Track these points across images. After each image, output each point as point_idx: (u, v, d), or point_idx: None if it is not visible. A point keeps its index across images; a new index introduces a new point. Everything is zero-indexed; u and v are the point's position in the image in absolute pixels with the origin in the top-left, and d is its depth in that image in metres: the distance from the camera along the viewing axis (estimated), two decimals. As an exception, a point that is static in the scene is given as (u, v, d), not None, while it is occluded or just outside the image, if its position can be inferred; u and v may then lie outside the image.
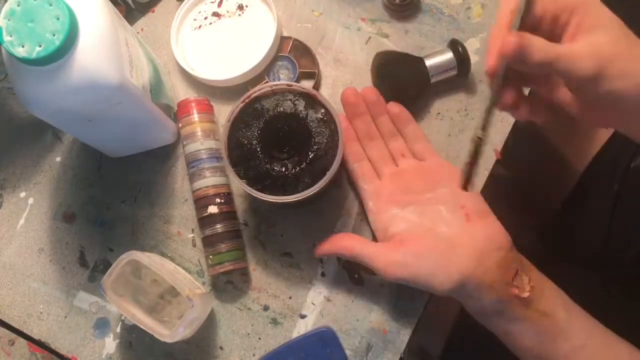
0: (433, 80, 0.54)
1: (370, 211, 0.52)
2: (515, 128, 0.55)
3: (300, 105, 0.48)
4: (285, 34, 0.58)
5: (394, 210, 0.51)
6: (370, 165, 0.53)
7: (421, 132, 0.54)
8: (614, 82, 0.36)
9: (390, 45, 0.58)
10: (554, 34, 0.39)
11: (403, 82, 0.54)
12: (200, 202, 0.52)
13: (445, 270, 0.46)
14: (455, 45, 0.53)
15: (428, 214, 0.50)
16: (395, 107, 0.53)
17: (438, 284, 0.46)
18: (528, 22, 0.38)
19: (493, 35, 0.38)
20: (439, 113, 0.56)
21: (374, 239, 0.53)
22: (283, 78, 0.57)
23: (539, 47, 0.36)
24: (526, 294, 0.46)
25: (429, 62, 0.53)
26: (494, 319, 0.47)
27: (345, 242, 0.50)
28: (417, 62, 0.54)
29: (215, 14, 0.59)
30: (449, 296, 0.47)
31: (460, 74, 0.54)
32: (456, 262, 0.46)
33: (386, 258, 0.48)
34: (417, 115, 0.55)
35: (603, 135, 0.66)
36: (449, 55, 0.53)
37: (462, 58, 0.53)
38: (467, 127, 0.55)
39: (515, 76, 0.39)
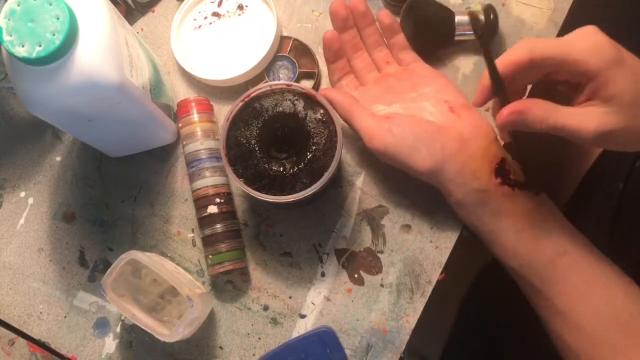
0: (458, 34, 0.54)
1: None
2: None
3: (300, 105, 0.48)
4: (285, 33, 0.58)
5: (379, 106, 0.51)
6: (353, 77, 0.54)
7: (407, 42, 0.54)
8: (612, 146, 0.40)
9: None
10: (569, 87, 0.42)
11: (427, 24, 0.54)
12: (200, 202, 0.52)
13: (429, 148, 0.46)
14: (488, 10, 0.54)
15: (413, 109, 0.50)
16: (387, 18, 0.53)
17: (420, 161, 0.46)
18: (545, 77, 0.41)
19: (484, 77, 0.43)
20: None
21: (372, 237, 0.53)
22: (283, 78, 0.57)
23: (537, 116, 0.40)
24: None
25: (458, 17, 0.54)
26: (478, 210, 0.47)
27: (343, 98, 0.50)
28: (447, 12, 0.54)
29: (215, 14, 0.59)
30: (432, 184, 0.48)
31: (483, 38, 0.55)
32: (440, 141, 0.46)
33: (374, 122, 0.48)
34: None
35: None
36: (479, 17, 0.54)
37: (490, 23, 0.53)
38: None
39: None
